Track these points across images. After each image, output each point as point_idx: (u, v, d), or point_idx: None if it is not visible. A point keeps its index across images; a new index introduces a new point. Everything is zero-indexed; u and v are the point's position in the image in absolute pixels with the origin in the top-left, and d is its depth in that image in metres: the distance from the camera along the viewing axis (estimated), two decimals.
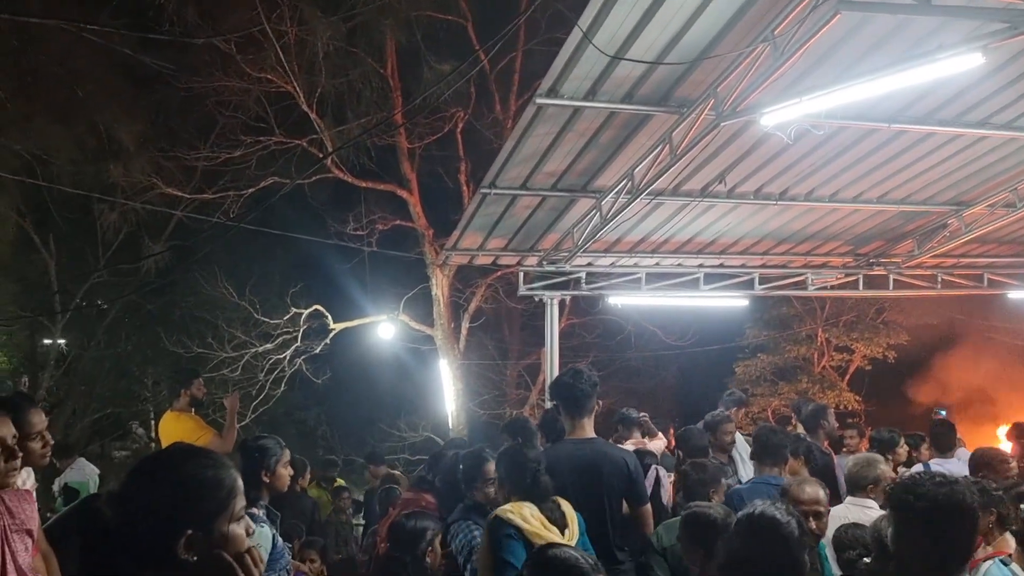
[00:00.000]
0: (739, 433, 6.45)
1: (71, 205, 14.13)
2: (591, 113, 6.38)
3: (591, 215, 8.13)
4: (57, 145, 12.22)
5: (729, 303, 11.20)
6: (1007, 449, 6.56)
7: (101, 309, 15.46)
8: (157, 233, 14.76)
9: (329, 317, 13.94)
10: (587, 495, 4.09)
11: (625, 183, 7.30)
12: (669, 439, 7.62)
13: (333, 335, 14.06)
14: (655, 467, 5.67)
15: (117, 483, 1.89)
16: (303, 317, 13.65)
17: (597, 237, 8.33)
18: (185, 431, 5.55)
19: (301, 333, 13.68)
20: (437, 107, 13.41)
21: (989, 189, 8.61)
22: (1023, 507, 3.84)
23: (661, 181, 7.05)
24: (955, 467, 6.02)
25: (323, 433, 19.18)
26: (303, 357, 13.96)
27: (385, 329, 14.07)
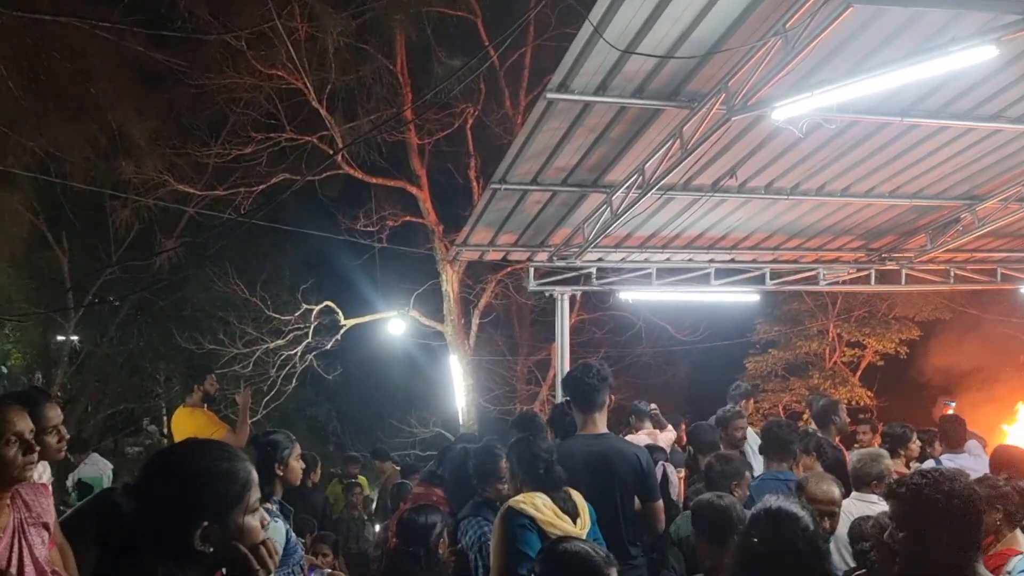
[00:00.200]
0: (750, 428, 6.45)
1: (84, 202, 14.20)
2: (602, 108, 6.37)
3: (602, 210, 8.12)
4: (70, 142, 12.25)
5: (740, 298, 11.14)
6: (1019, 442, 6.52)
7: (113, 306, 15.51)
8: (169, 230, 14.83)
9: (340, 313, 13.97)
10: (599, 491, 4.06)
11: (636, 178, 7.28)
12: (680, 435, 7.62)
13: (344, 331, 14.08)
14: (662, 463, 5.66)
15: (131, 478, 1.91)
16: (314, 313, 13.70)
17: (608, 232, 8.31)
18: (198, 427, 5.60)
19: (312, 329, 13.72)
20: (447, 103, 13.41)
21: (1003, 183, 8.53)
22: None
23: (672, 176, 7.05)
24: (966, 462, 6.01)
25: (334, 429, 19.21)
26: (314, 353, 14.01)
27: (395, 325, 14.09)
